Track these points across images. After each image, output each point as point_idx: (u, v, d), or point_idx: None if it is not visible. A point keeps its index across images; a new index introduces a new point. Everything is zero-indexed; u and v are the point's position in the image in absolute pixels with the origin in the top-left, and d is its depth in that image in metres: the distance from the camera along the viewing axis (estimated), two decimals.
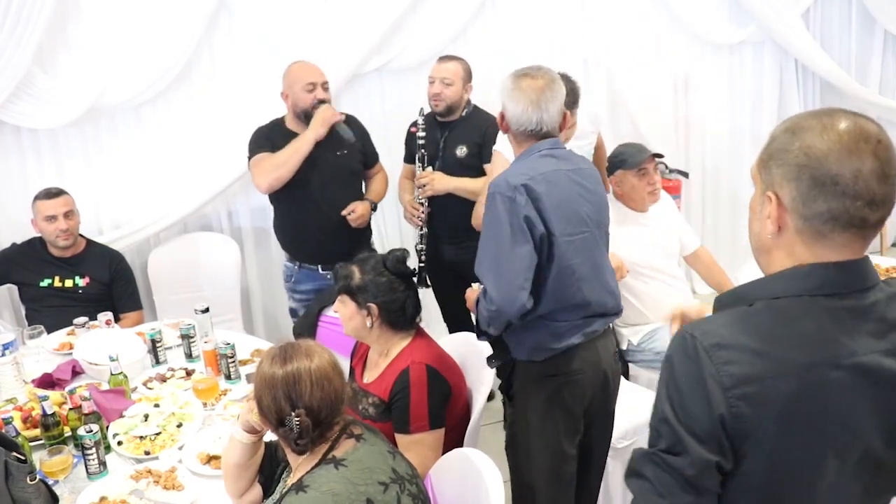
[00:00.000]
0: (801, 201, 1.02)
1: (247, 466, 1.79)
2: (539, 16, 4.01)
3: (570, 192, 2.03)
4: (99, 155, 3.46)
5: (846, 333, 1.02)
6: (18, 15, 3.04)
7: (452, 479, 1.87)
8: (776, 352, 1.00)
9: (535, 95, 2.02)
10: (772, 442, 1.00)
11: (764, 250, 1.11)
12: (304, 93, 3.00)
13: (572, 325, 2.06)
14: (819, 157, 1.00)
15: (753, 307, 1.05)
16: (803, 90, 4.73)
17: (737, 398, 0.98)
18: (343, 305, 2.14)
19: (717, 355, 1.00)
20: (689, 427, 1.01)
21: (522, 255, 1.93)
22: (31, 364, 2.65)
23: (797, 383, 0.99)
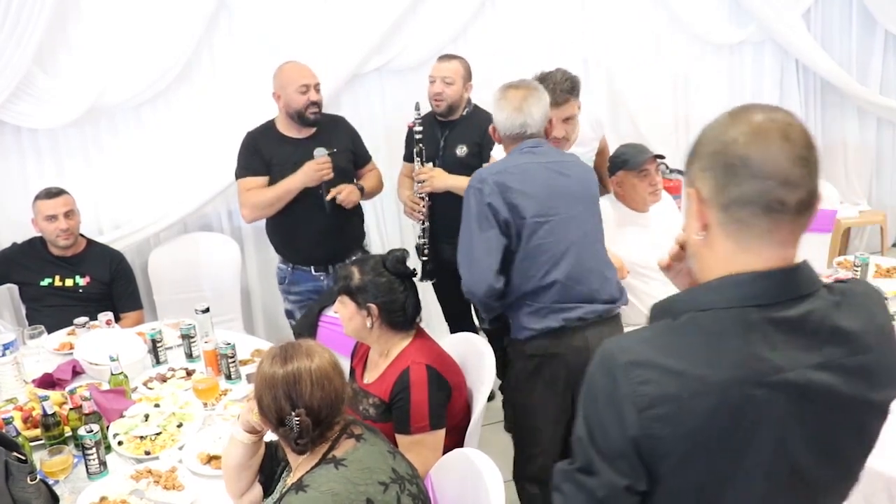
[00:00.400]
0: (718, 190, 0.99)
1: (247, 466, 1.79)
2: (539, 16, 4.01)
3: (544, 178, 2.19)
4: (99, 155, 3.47)
5: (773, 348, 0.97)
6: (18, 15, 3.04)
7: (452, 479, 1.87)
8: (694, 370, 0.95)
9: (518, 102, 2.25)
10: (690, 464, 0.96)
11: (695, 254, 1.07)
12: (298, 94, 2.99)
13: (549, 307, 2.19)
14: (728, 143, 0.98)
15: (678, 321, 1.00)
16: (804, 90, 4.73)
17: (651, 419, 0.94)
18: (343, 306, 2.14)
19: (634, 374, 0.96)
20: (602, 448, 0.98)
21: (488, 239, 2.12)
22: (32, 364, 2.65)
23: (715, 403, 0.95)
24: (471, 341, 2.40)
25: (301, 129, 3.07)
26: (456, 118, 3.22)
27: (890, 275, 3.07)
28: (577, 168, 2.31)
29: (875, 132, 4.93)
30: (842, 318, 1.01)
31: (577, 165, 2.33)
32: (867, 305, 1.06)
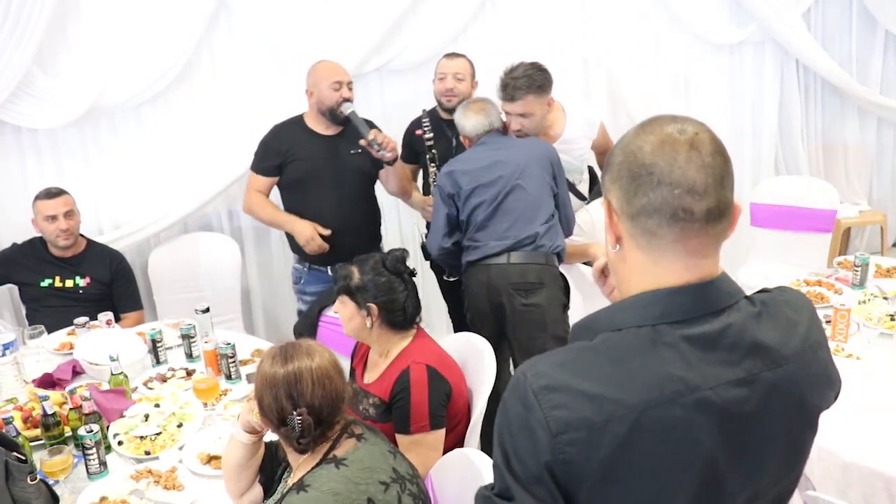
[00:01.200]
0: (625, 199, 0.98)
1: (247, 466, 1.79)
2: (539, 16, 4.01)
3: (484, 157, 2.75)
4: (99, 155, 3.47)
5: (689, 366, 0.95)
6: (18, 15, 3.04)
7: (452, 479, 1.87)
8: (610, 393, 0.93)
9: (479, 108, 2.84)
10: (606, 488, 0.94)
11: (613, 269, 1.06)
12: (331, 91, 2.98)
13: (471, 247, 2.75)
14: (634, 152, 0.97)
15: (593, 342, 0.98)
16: (804, 90, 4.73)
17: (565, 444, 0.92)
18: (343, 306, 2.14)
19: (547, 399, 0.93)
20: (518, 473, 0.95)
21: (440, 216, 2.78)
22: (32, 364, 2.65)
23: (630, 426, 0.92)
24: (471, 341, 2.40)
25: (329, 127, 3.07)
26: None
27: (890, 275, 3.07)
28: (523, 142, 2.81)
29: (875, 132, 4.93)
30: (761, 330, 0.99)
31: (525, 140, 2.82)
32: (788, 315, 1.04)
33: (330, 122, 3.04)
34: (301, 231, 3.01)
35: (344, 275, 2.13)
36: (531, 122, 2.86)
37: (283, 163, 3.06)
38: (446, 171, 2.78)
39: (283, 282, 3.89)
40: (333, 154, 3.03)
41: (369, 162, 3.09)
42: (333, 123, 3.05)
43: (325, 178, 3.03)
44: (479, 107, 2.83)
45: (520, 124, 2.85)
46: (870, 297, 2.79)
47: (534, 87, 2.82)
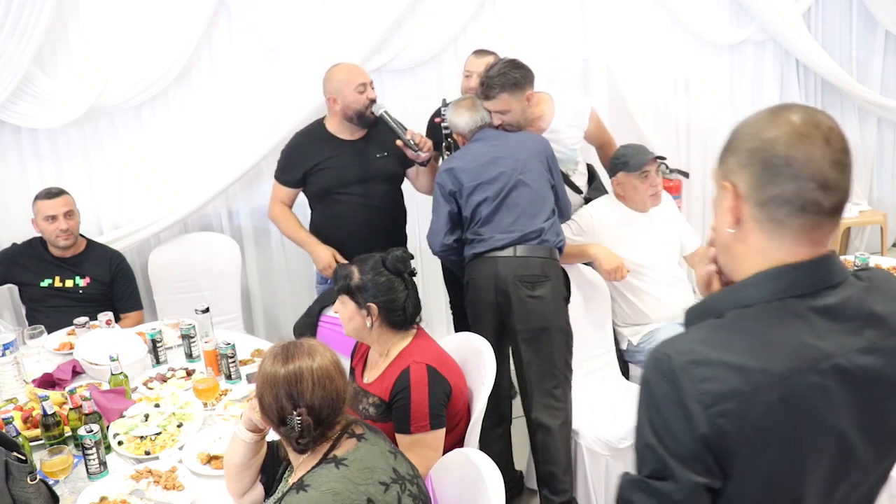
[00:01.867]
0: (756, 186, 1.01)
1: (249, 466, 1.79)
2: (539, 16, 4.01)
3: (481, 153, 2.77)
4: (99, 155, 3.46)
5: (820, 336, 1.00)
6: (18, 15, 3.04)
7: (452, 479, 1.87)
8: (754, 363, 0.97)
9: (470, 105, 2.87)
10: (758, 456, 0.98)
11: (725, 248, 1.09)
12: (356, 94, 2.91)
13: (474, 242, 2.76)
14: (771, 141, 1.00)
15: (724, 319, 1.02)
16: (804, 90, 4.73)
17: (718, 415, 0.95)
18: (343, 306, 2.13)
19: (695, 373, 0.97)
20: (673, 451, 0.98)
21: (442, 211, 2.80)
22: (32, 364, 2.65)
23: (778, 394, 0.97)
24: (471, 341, 2.40)
25: (353, 131, 3.01)
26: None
27: None
28: (518, 136, 2.83)
29: (875, 132, 4.93)
30: (874, 301, 1.05)
31: (519, 135, 2.84)
32: (891, 288, 1.09)
33: (358, 126, 2.98)
34: (321, 258, 3.00)
35: (344, 274, 2.13)
36: (510, 117, 2.89)
37: (307, 173, 3.01)
38: (445, 169, 2.79)
39: (283, 282, 3.90)
40: (360, 160, 2.98)
41: (396, 164, 3.05)
42: (363, 127, 2.99)
43: (352, 185, 2.99)
44: (469, 104, 2.87)
45: (500, 120, 2.90)
46: None
47: (508, 86, 2.83)
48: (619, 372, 3.05)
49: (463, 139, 2.89)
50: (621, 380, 3.03)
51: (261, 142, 3.55)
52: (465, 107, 2.87)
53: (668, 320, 3.02)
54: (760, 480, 0.99)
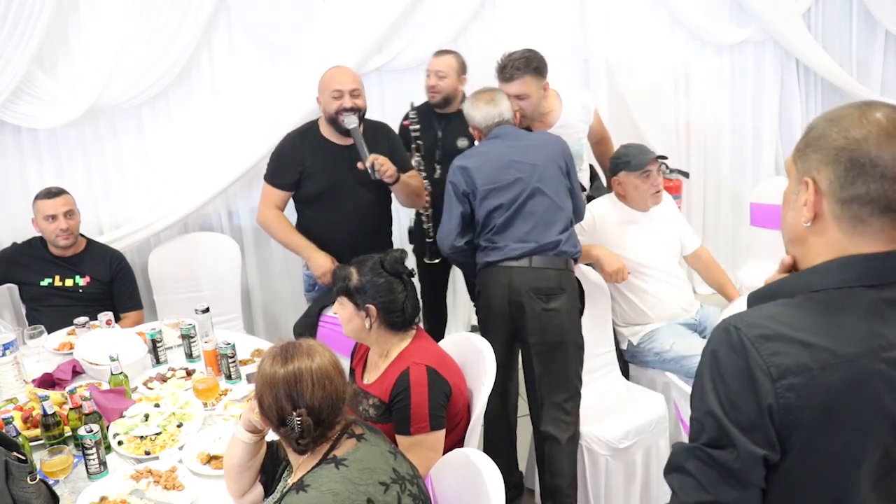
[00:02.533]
0: (840, 184, 1.02)
1: (248, 466, 1.79)
2: (539, 16, 4.01)
3: (498, 156, 2.67)
4: (99, 155, 3.47)
5: (888, 325, 1.01)
6: (18, 15, 3.04)
7: (452, 479, 1.87)
8: (822, 343, 0.99)
9: (488, 98, 2.76)
10: (819, 435, 1.00)
11: (799, 240, 1.10)
12: (331, 98, 2.86)
13: (488, 249, 2.69)
14: (858, 140, 1.01)
15: (795, 300, 1.05)
16: (804, 90, 4.73)
17: (785, 389, 0.98)
18: (342, 307, 2.13)
19: (764, 346, 0.99)
20: (736, 420, 1.00)
21: (454, 214, 2.71)
22: (32, 364, 2.64)
23: (843, 375, 0.99)
24: (470, 341, 2.40)
25: (341, 136, 2.93)
26: (453, 111, 3.32)
27: None
28: (536, 145, 2.72)
29: None
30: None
31: (537, 142, 2.73)
32: None
33: (336, 131, 2.91)
34: (319, 264, 2.92)
35: (343, 276, 2.13)
36: (528, 103, 2.90)
37: (301, 177, 2.96)
38: (459, 167, 2.69)
39: (283, 282, 3.90)
40: (348, 165, 2.90)
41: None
42: (338, 132, 2.91)
43: (342, 191, 2.95)
44: (489, 97, 2.75)
45: (517, 106, 2.86)
46: None
47: (530, 69, 2.86)
48: (619, 372, 3.05)
49: (479, 134, 2.79)
50: (621, 380, 3.03)
51: (260, 142, 3.55)
52: (484, 100, 2.74)
53: (669, 320, 3.02)
54: (817, 458, 1.01)
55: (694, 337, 2.99)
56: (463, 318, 4.14)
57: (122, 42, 3.28)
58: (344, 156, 2.92)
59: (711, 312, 3.13)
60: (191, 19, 3.35)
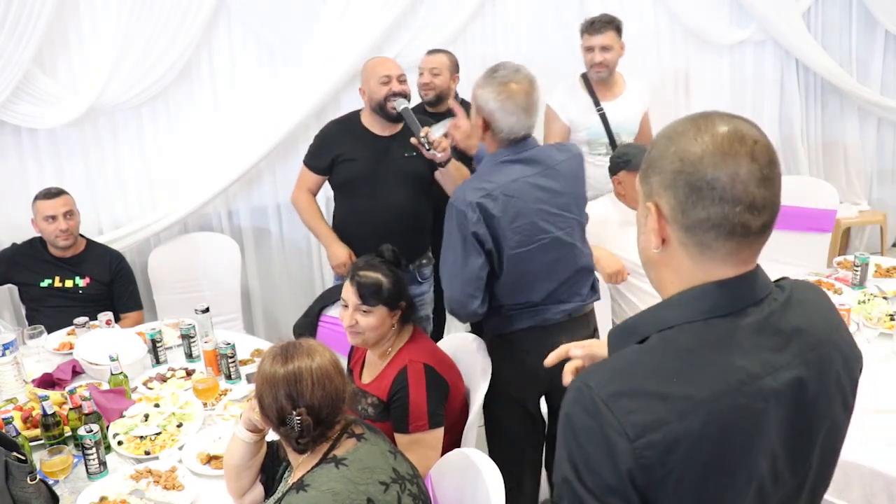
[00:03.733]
0: (680, 210, 0.96)
1: (248, 466, 1.79)
2: (539, 16, 4.01)
3: (528, 202, 2.11)
4: (99, 155, 3.47)
5: (746, 355, 0.96)
6: (18, 15, 3.05)
7: (452, 479, 1.87)
8: (679, 391, 0.93)
9: (524, 101, 2.10)
10: (687, 486, 0.93)
11: (651, 265, 1.05)
12: (379, 86, 2.86)
13: (522, 313, 2.22)
14: (693, 162, 0.94)
15: (647, 343, 0.98)
16: (804, 90, 4.73)
17: (643, 448, 0.90)
18: (370, 316, 2.07)
19: (618, 406, 0.92)
20: (588, 485, 0.93)
21: (473, 267, 2.10)
22: (32, 364, 2.65)
23: (704, 420, 0.92)
24: (468, 341, 2.40)
25: (384, 127, 2.93)
26: (444, 110, 3.32)
27: (890, 274, 3.07)
28: (564, 168, 2.22)
29: (875, 132, 4.93)
30: (795, 315, 1.02)
31: (565, 165, 2.23)
32: (811, 299, 1.07)
33: (383, 119, 2.90)
34: (337, 255, 2.97)
35: (374, 286, 2.06)
36: (612, 55, 3.23)
37: (334, 162, 2.96)
38: (480, 207, 2.05)
39: (283, 282, 3.90)
40: (386, 156, 2.90)
41: (425, 165, 2.87)
42: (387, 121, 2.90)
43: (375, 181, 2.91)
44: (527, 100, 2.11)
45: (602, 57, 3.18)
46: (869, 296, 2.79)
47: (614, 25, 3.25)
48: None
49: (492, 140, 2.18)
50: None
51: (260, 142, 3.55)
52: (522, 105, 2.11)
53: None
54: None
55: None
56: None
57: (122, 42, 3.28)
58: (382, 147, 2.92)
59: None
60: (191, 19, 3.35)
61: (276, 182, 3.76)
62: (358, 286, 2.07)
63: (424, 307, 3.12)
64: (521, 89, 2.10)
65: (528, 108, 2.11)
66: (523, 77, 2.13)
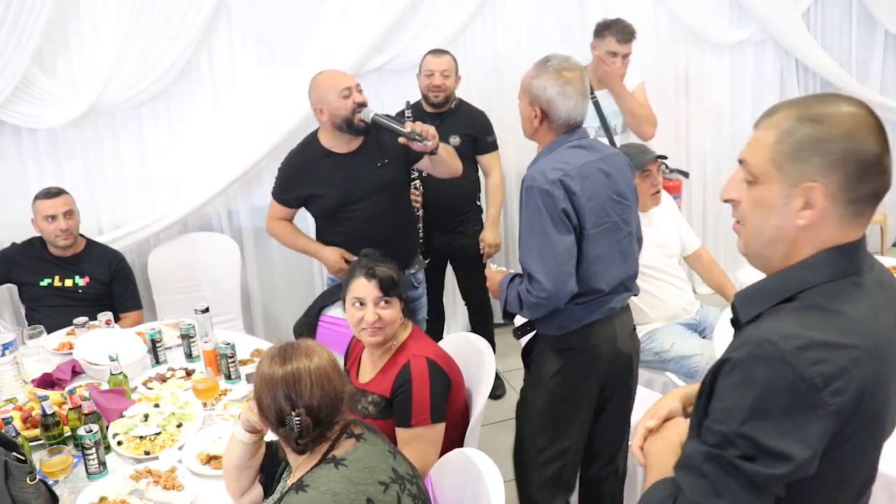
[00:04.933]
0: (849, 186, 1.04)
1: (247, 466, 1.79)
2: (539, 16, 4.01)
3: (598, 184, 2.12)
4: (99, 155, 3.47)
5: (882, 307, 1.08)
6: (18, 15, 3.04)
7: (452, 479, 1.87)
8: (849, 341, 1.02)
9: (582, 87, 2.12)
10: (861, 427, 1.03)
11: (785, 241, 1.10)
12: (342, 100, 2.69)
13: (592, 304, 2.17)
14: (861, 140, 1.04)
15: (802, 301, 1.06)
16: (804, 90, 4.72)
17: (831, 395, 0.99)
18: (390, 310, 2.08)
19: (804, 357, 0.99)
20: (777, 442, 0.99)
21: (567, 245, 2.05)
22: (31, 364, 2.65)
23: (873, 368, 1.03)
24: (470, 341, 2.41)
25: (349, 142, 2.80)
26: (445, 110, 3.36)
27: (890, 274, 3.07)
28: (617, 161, 2.23)
29: None
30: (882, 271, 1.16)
31: (617, 157, 2.25)
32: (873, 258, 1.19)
33: (350, 134, 2.76)
34: (329, 259, 2.89)
35: (391, 278, 2.08)
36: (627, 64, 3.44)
37: (304, 198, 2.88)
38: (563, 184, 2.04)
39: (283, 282, 3.90)
40: (358, 173, 2.80)
41: (398, 169, 2.87)
42: (355, 135, 2.77)
43: (357, 202, 2.82)
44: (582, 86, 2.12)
45: (624, 65, 3.35)
46: None
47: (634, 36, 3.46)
48: None
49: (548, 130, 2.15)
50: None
51: (260, 142, 3.55)
52: (581, 91, 2.11)
53: (669, 320, 3.02)
54: (846, 454, 1.05)
55: (694, 337, 2.99)
56: (462, 318, 4.14)
57: (122, 42, 3.27)
58: (352, 165, 2.81)
59: (711, 312, 3.13)
60: (191, 19, 3.35)
61: None
62: (379, 280, 2.06)
63: (420, 310, 3.14)
64: (576, 76, 2.12)
65: (584, 92, 2.13)
66: (574, 65, 2.15)
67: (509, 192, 4.01)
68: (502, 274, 2.28)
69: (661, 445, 1.24)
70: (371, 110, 2.70)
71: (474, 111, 3.47)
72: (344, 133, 2.77)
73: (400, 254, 2.81)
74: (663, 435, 1.26)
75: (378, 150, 2.81)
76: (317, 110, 2.78)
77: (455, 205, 3.41)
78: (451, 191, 3.23)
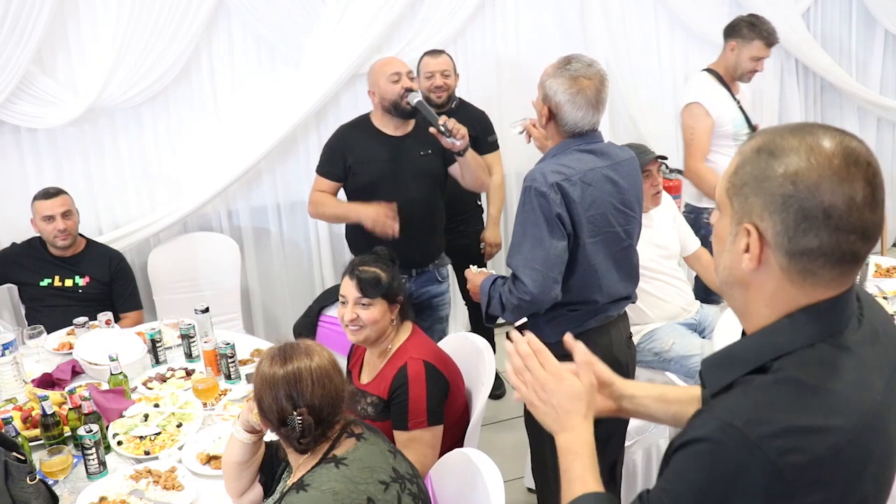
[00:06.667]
0: (787, 236, 0.90)
1: (247, 466, 1.79)
2: (539, 16, 4.01)
3: (602, 192, 2.07)
4: (99, 155, 3.47)
5: (873, 369, 0.93)
6: (18, 15, 3.05)
7: (452, 479, 1.87)
8: (829, 421, 0.88)
9: (594, 96, 2.05)
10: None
11: (740, 285, 0.98)
12: (390, 84, 2.80)
13: (587, 313, 2.14)
14: (809, 187, 0.88)
15: (775, 374, 0.91)
16: (804, 90, 4.73)
17: (806, 490, 0.86)
18: (371, 310, 2.09)
19: (774, 446, 0.85)
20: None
21: (558, 251, 2.01)
22: (31, 364, 2.65)
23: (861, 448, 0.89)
24: (470, 340, 2.41)
25: (397, 126, 2.88)
26: (446, 110, 3.34)
27: (890, 275, 3.07)
28: (628, 168, 2.18)
29: (875, 132, 4.93)
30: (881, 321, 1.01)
31: (628, 164, 2.19)
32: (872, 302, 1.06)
33: (397, 117, 2.85)
34: (369, 216, 2.77)
35: (373, 280, 2.10)
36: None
37: (349, 167, 2.89)
38: (561, 188, 2.00)
39: (283, 282, 3.90)
40: (402, 156, 2.86)
41: (439, 162, 2.91)
42: (401, 118, 2.85)
43: (393, 181, 2.84)
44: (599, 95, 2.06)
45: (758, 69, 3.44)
46: None
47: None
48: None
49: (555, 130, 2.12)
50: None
51: (260, 142, 3.55)
52: (590, 97, 2.05)
53: (668, 320, 3.02)
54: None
55: (694, 337, 2.99)
56: (462, 318, 4.14)
57: (121, 42, 3.27)
58: (397, 147, 2.88)
59: (711, 312, 3.13)
60: (190, 19, 3.35)
61: (276, 182, 3.76)
62: (358, 280, 2.10)
63: (444, 307, 3.08)
64: (592, 85, 2.05)
65: (597, 104, 2.06)
66: (595, 72, 2.07)
67: (510, 191, 4.01)
68: (484, 276, 2.26)
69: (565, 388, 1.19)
70: (417, 95, 2.79)
71: (475, 111, 3.46)
72: (393, 117, 2.86)
73: (430, 244, 2.91)
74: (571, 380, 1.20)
75: (425, 139, 2.85)
76: (370, 93, 2.91)
77: (456, 204, 3.40)
78: (451, 190, 3.23)
